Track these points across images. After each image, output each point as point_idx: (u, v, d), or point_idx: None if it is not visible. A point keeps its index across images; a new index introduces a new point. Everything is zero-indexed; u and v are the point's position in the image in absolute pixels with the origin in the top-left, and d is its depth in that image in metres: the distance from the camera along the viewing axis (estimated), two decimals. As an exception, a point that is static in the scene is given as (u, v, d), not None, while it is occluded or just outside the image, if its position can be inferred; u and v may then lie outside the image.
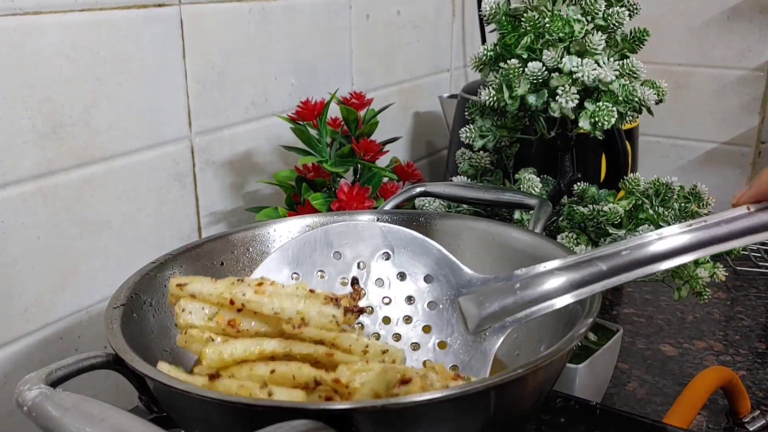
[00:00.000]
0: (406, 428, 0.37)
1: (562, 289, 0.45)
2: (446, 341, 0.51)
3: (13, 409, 0.57)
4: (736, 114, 1.16)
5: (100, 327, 0.63)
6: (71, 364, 0.41)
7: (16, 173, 0.57)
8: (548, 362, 0.40)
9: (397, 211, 0.63)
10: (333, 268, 0.55)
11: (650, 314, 0.87)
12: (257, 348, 0.43)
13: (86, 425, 0.34)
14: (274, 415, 0.35)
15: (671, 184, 0.68)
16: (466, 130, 0.73)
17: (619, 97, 0.65)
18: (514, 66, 0.66)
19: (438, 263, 0.53)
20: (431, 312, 0.53)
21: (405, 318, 0.53)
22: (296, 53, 0.84)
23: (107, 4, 0.62)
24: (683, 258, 0.44)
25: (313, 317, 0.45)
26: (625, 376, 0.74)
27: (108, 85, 0.63)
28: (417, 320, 0.53)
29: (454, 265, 0.53)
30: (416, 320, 0.53)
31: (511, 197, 0.65)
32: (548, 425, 0.58)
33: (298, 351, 0.43)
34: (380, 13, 0.97)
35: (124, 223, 0.67)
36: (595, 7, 0.66)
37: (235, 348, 0.43)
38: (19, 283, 0.59)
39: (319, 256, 0.55)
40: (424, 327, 0.52)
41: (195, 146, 0.73)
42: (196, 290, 0.45)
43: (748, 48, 1.12)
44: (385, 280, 0.55)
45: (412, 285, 0.54)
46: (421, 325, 0.53)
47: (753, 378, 0.73)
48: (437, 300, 0.53)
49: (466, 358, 0.50)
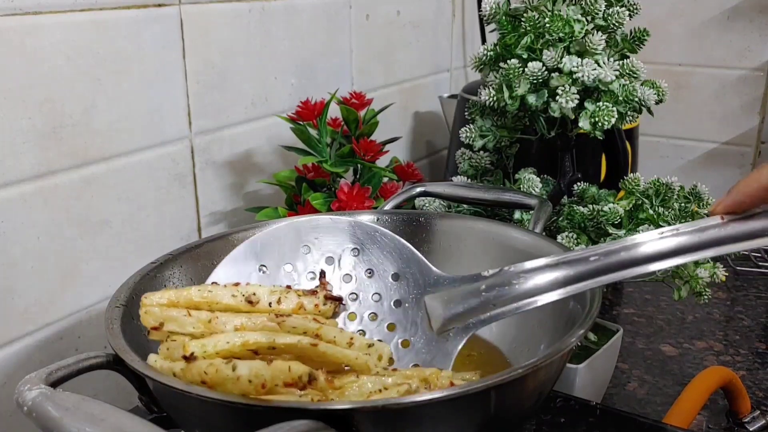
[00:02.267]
0: (406, 428, 0.37)
1: (529, 292, 0.45)
2: (410, 340, 0.51)
3: (13, 410, 0.57)
4: (736, 114, 1.16)
5: (100, 327, 0.64)
6: (71, 364, 0.41)
7: (16, 173, 0.57)
8: (548, 362, 0.40)
9: (397, 211, 0.63)
10: (301, 263, 0.54)
11: (650, 314, 0.87)
12: (241, 339, 0.43)
13: (86, 425, 0.34)
14: (274, 415, 0.35)
15: (671, 184, 0.68)
16: (466, 130, 0.73)
17: (619, 97, 0.65)
18: (514, 66, 0.66)
19: (406, 262, 0.53)
20: (396, 310, 0.53)
21: (370, 315, 0.53)
22: (296, 53, 0.84)
23: (107, 4, 0.62)
24: (652, 266, 0.43)
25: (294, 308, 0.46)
26: (625, 376, 0.74)
27: (108, 85, 0.63)
28: (382, 318, 0.53)
29: (422, 264, 0.53)
30: (381, 318, 0.53)
31: (511, 197, 0.65)
32: (548, 425, 0.58)
33: (282, 341, 0.43)
34: (380, 13, 0.97)
35: (124, 223, 0.67)
36: (595, 7, 0.66)
37: (218, 340, 0.43)
38: (19, 283, 0.59)
39: (287, 250, 0.54)
40: (388, 325, 0.52)
41: (195, 146, 0.73)
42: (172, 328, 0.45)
43: (748, 48, 1.12)
44: (353, 276, 0.54)
45: (380, 282, 0.54)
46: (386, 323, 0.52)
47: (753, 378, 0.73)
48: (403, 299, 0.53)
49: (429, 357, 0.49)
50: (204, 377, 0.39)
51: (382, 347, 0.47)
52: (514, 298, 0.46)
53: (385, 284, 0.54)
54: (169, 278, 0.53)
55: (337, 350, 0.44)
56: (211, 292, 0.48)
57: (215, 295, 0.48)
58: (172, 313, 0.45)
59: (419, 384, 0.43)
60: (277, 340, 0.43)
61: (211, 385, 0.39)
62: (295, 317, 0.48)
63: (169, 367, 0.41)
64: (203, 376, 0.39)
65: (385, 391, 0.42)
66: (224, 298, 0.48)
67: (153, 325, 0.45)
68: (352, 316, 0.54)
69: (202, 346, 0.42)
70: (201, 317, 0.46)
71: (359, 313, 0.53)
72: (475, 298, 0.47)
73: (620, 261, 0.43)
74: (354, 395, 0.41)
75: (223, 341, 0.43)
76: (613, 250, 0.44)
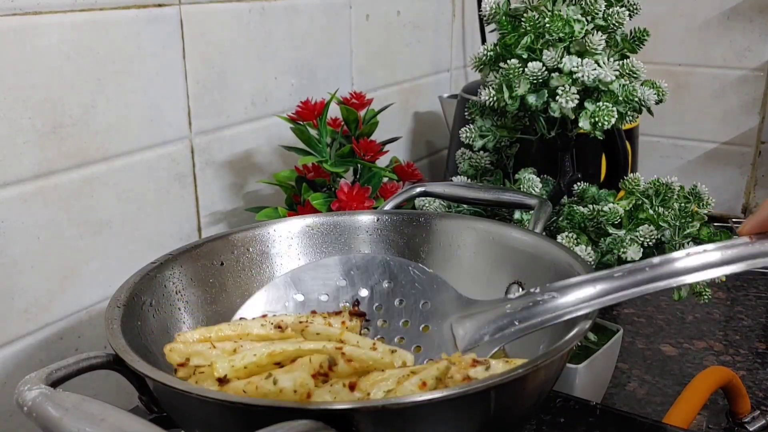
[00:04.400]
0: (406, 428, 0.37)
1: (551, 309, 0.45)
2: (434, 358, 0.52)
3: (13, 410, 0.57)
4: (736, 114, 1.16)
5: (100, 327, 0.64)
6: (71, 364, 0.41)
7: (16, 173, 0.57)
8: (548, 362, 0.40)
9: (397, 211, 0.63)
10: (336, 293, 0.57)
11: (650, 314, 0.87)
12: (266, 350, 0.43)
13: (86, 425, 0.34)
14: (274, 415, 0.35)
15: (671, 184, 0.68)
16: (466, 130, 0.73)
17: (619, 97, 0.65)
18: (514, 66, 0.66)
19: (437, 292, 0.54)
20: (424, 334, 0.53)
21: (399, 338, 0.54)
22: (296, 53, 0.84)
23: (107, 4, 0.62)
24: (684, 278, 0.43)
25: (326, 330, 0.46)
26: (625, 376, 0.74)
27: (108, 85, 0.63)
28: (409, 340, 0.53)
29: (452, 292, 0.54)
30: (408, 340, 0.54)
31: (511, 197, 0.64)
32: (548, 425, 0.58)
33: (308, 347, 0.43)
34: (380, 13, 0.97)
35: (124, 223, 0.67)
36: (595, 7, 0.66)
37: (245, 354, 0.43)
38: (19, 283, 0.59)
39: (328, 280, 0.57)
40: (415, 348, 0.53)
41: (195, 146, 0.73)
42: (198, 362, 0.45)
43: (748, 48, 1.12)
44: (383, 306, 0.56)
45: (410, 310, 0.55)
46: (414, 345, 0.53)
47: (753, 378, 0.73)
48: (431, 323, 0.53)
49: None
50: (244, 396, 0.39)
51: (405, 354, 0.47)
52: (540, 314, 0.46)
53: (415, 311, 0.55)
54: (169, 278, 0.53)
55: (362, 352, 0.44)
56: (241, 325, 0.49)
57: (245, 327, 0.48)
58: (197, 347, 0.45)
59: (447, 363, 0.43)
60: (303, 347, 0.43)
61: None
62: (318, 323, 0.48)
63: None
64: (243, 396, 0.39)
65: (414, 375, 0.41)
66: (254, 329, 0.48)
67: (179, 361, 0.44)
68: (382, 340, 0.54)
69: (230, 361, 0.42)
70: (225, 347, 0.46)
71: (388, 337, 0.54)
72: (500, 317, 0.48)
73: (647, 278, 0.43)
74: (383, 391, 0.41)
75: (250, 354, 0.43)
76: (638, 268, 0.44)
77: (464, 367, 0.42)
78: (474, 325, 0.49)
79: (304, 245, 0.61)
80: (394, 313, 0.55)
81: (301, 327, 0.48)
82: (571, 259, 0.52)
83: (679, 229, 0.66)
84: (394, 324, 0.54)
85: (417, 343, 0.53)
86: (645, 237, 0.64)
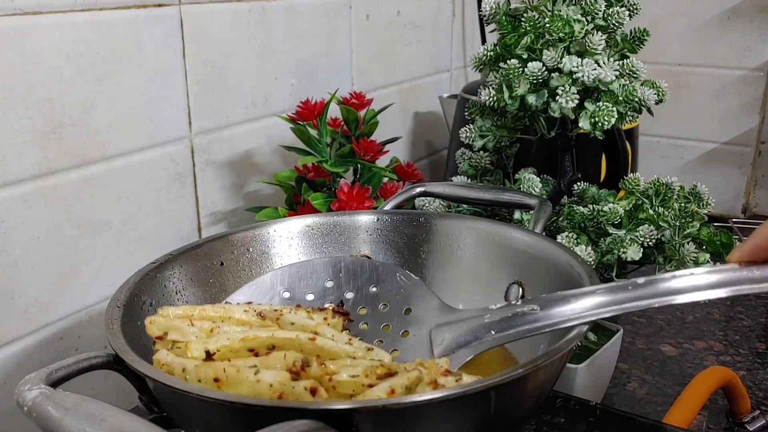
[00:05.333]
0: (406, 428, 0.37)
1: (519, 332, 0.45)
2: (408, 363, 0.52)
3: (13, 410, 0.57)
4: (736, 114, 1.16)
5: (100, 327, 0.64)
6: (71, 364, 0.41)
7: (16, 173, 0.57)
8: (548, 362, 0.40)
9: (397, 211, 0.63)
10: (322, 294, 0.57)
11: (650, 314, 0.87)
12: (239, 336, 0.43)
13: (86, 425, 0.34)
14: (274, 415, 0.35)
15: (671, 184, 0.68)
16: (466, 130, 0.73)
17: (619, 97, 0.65)
18: (514, 66, 0.66)
19: (421, 298, 0.54)
20: (403, 339, 0.53)
21: (377, 341, 0.54)
22: (296, 53, 0.84)
23: (107, 4, 0.62)
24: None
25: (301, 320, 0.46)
26: (625, 376, 0.74)
27: (108, 85, 0.63)
28: (387, 343, 0.53)
29: (435, 301, 0.54)
30: (386, 343, 0.53)
31: (511, 197, 0.64)
32: (548, 425, 0.58)
33: (282, 336, 0.44)
34: (380, 13, 0.97)
35: (124, 223, 0.67)
36: (595, 7, 0.66)
37: (219, 338, 0.43)
38: (19, 283, 0.59)
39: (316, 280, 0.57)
40: (392, 351, 0.53)
41: (195, 146, 0.73)
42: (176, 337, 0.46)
43: (748, 48, 1.12)
44: (368, 308, 0.56)
45: (392, 314, 0.55)
46: (391, 348, 0.53)
47: (753, 378, 0.73)
48: (411, 330, 0.53)
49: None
50: (219, 375, 0.39)
51: (382, 352, 0.47)
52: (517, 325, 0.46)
53: (398, 317, 0.54)
54: (169, 278, 0.53)
55: (335, 345, 0.44)
56: (224, 308, 0.49)
57: (228, 310, 0.49)
58: (175, 322, 0.46)
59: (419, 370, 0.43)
60: (276, 334, 0.43)
61: (224, 384, 0.39)
62: (300, 315, 0.48)
63: (180, 362, 0.41)
64: (219, 374, 0.39)
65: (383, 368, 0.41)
66: (236, 313, 0.49)
67: (157, 334, 0.45)
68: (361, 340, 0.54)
69: (204, 344, 0.42)
70: (203, 326, 0.46)
71: (368, 339, 0.54)
72: (478, 327, 0.48)
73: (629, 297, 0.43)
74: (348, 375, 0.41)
75: (224, 338, 0.43)
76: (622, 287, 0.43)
77: (435, 373, 0.42)
78: (452, 334, 0.49)
79: (304, 245, 0.61)
80: (377, 318, 0.55)
81: (276, 315, 0.48)
82: (571, 259, 0.52)
83: (679, 229, 0.66)
84: (375, 327, 0.54)
85: (395, 347, 0.52)
86: (645, 237, 0.64)
